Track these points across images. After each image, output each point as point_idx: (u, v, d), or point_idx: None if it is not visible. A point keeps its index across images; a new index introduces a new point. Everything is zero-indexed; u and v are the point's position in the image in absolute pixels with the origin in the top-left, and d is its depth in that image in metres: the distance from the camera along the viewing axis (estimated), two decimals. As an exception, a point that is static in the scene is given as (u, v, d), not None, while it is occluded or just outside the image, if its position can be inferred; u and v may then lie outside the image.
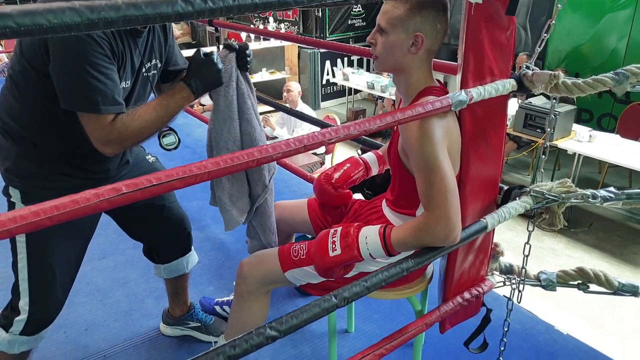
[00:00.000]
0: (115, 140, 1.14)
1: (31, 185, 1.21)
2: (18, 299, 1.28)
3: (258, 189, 1.35)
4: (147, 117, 1.16)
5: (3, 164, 1.23)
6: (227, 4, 0.68)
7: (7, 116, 1.20)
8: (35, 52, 1.10)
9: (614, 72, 1.14)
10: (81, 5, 0.58)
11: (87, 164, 1.27)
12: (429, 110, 1.00)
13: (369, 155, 1.51)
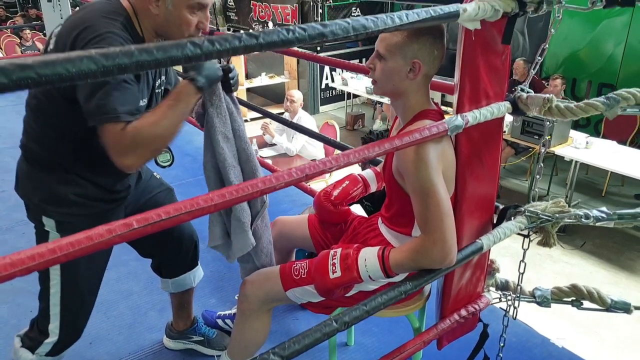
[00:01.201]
0: (130, 147, 1.10)
1: (65, 213, 1.24)
2: (47, 322, 1.31)
3: (257, 206, 1.37)
4: (156, 120, 1.13)
5: (35, 195, 1.25)
6: (234, 45, 0.72)
7: (37, 146, 1.22)
8: None
9: (605, 96, 1.17)
10: (97, 53, 0.61)
11: (113, 183, 1.29)
12: (425, 136, 1.03)
13: (368, 173, 1.54)
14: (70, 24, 1.15)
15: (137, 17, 1.18)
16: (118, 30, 1.12)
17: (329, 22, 0.82)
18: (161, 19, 1.17)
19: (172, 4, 1.14)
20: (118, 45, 1.06)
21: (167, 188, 1.55)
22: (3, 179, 3.14)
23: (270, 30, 0.76)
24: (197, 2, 1.16)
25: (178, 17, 1.16)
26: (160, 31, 1.20)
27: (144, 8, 1.17)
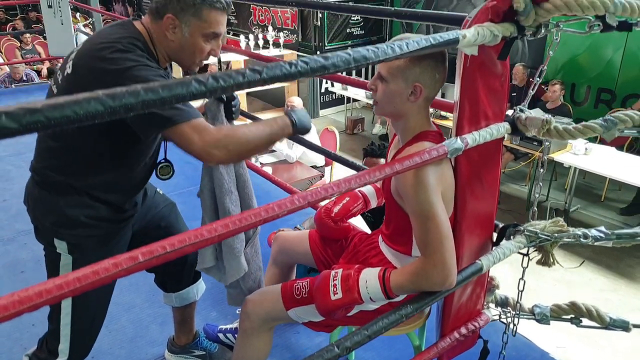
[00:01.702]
0: (224, 141, 1.11)
1: (76, 235, 1.26)
2: (57, 342, 1.33)
3: (249, 232, 1.39)
4: (252, 130, 1.16)
5: (47, 218, 1.26)
6: (237, 81, 0.73)
7: (49, 170, 1.23)
8: None
9: (603, 118, 1.18)
10: (104, 94, 0.62)
11: (124, 202, 1.31)
12: (425, 159, 1.05)
13: (368, 189, 1.55)
14: (89, 50, 1.17)
15: (152, 41, 1.21)
16: (140, 52, 1.15)
17: (331, 55, 0.83)
18: (176, 45, 1.20)
19: (188, 32, 1.18)
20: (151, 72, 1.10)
21: (170, 203, 1.57)
22: (4, 188, 3.15)
23: (273, 65, 0.77)
24: (213, 32, 1.19)
25: (193, 44, 1.19)
26: (173, 56, 1.24)
27: (161, 34, 1.20)
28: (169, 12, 1.17)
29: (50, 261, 1.29)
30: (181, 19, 1.17)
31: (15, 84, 6.17)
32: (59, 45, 5.12)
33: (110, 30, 1.20)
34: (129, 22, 1.23)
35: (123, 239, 1.36)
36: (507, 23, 1.10)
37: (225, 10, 1.21)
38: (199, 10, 1.16)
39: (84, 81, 1.12)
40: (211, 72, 0.72)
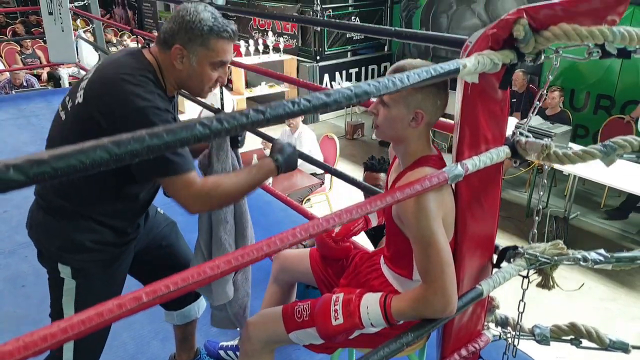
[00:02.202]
0: (205, 199, 1.18)
1: (81, 260, 1.27)
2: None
3: None
4: (235, 181, 1.22)
5: (52, 243, 1.27)
6: (241, 122, 0.73)
7: (55, 196, 1.24)
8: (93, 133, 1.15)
9: (602, 144, 1.19)
10: (109, 142, 0.63)
11: (128, 227, 1.32)
12: (426, 187, 1.05)
13: (369, 208, 1.56)
14: (100, 82, 1.18)
15: (160, 71, 1.22)
16: (152, 88, 1.17)
17: (333, 91, 0.84)
18: (184, 74, 1.22)
19: (196, 61, 1.20)
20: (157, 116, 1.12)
21: (171, 222, 1.58)
22: (5, 198, 3.14)
23: (276, 104, 0.77)
24: (220, 60, 1.21)
25: (201, 73, 1.21)
26: (182, 85, 1.26)
27: (169, 64, 1.22)
28: (177, 43, 1.18)
29: (53, 285, 1.30)
30: (189, 49, 1.19)
31: (15, 89, 6.18)
32: (60, 51, 5.13)
33: (122, 61, 1.21)
34: (138, 51, 1.25)
35: (125, 261, 1.37)
36: (507, 50, 1.11)
37: (232, 38, 1.22)
38: (207, 40, 1.18)
39: (94, 114, 1.14)
40: (215, 115, 0.72)
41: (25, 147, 3.97)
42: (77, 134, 1.18)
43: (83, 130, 1.17)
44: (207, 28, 1.17)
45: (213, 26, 1.18)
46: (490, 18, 6.73)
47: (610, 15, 1.06)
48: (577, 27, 1.03)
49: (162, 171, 1.14)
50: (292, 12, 7.73)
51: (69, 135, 1.21)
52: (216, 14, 1.20)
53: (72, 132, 1.21)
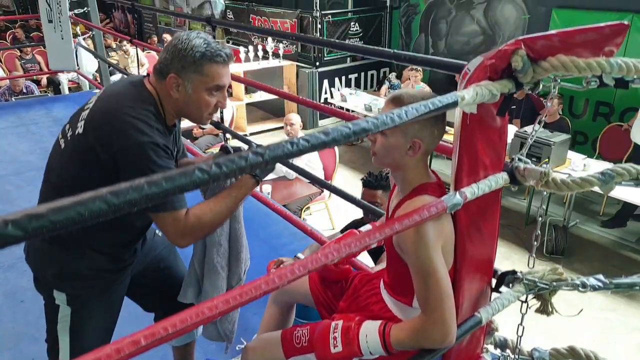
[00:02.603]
0: (190, 233, 1.20)
1: (77, 287, 1.27)
2: None
3: (232, 281, 1.42)
4: (218, 209, 1.22)
5: (48, 269, 1.28)
6: (240, 165, 0.73)
7: None
8: (92, 164, 1.16)
9: (600, 172, 1.19)
10: (108, 192, 0.63)
11: (125, 253, 1.33)
12: (425, 217, 1.06)
13: (367, 229, 1.56)
14: (101, 114, 1.18)
15: (160, 101, 1.22)
16: (153, 123, 1.17)
17: (331, 130, 0.84)
18: (182, 102, 1.22)
19: (191, 88, 1.19)
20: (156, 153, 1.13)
21: (169, 244, 1.58)
22: (4, 210, 3.12)
23: (275, 145, 0.78)
24: (216, 85, 1.21)
25: (197, 100, 1.21)
26: (180, 113, 1.26)
27: (166, 93, 1.22)
28: (171, 72, 1.19)
29: (49, 312, 1.30)
30: (183, 77, 1.19)
31: (15, 96, 6.18)
32: (59, 59, 5.13)
33: (123, 92, 1.21)
34: (140, 82, 1.25)
35: (122, 286, 1.37)
36: (505, 80, 1.11)
37: (226, 62, 1.22)
38: (200, 66, 1.18)
39: (94, 146, 1.15)
40: (214, 160, 0.73)
41: (25, 156, 3.97)
42: (76, 165, 1.19)
43: (82, 161, 1.18)
44: (199, 54, 1.17)
45: (205, 52, 1.18)
46: (489, 24, 6.74)
47: (608, 46, 1.06)
48: (575, 59, 1.03)
49: (154, 207, 1.16)
50: (291, 17, 7.75)
51: (68, 165, 1.22)
52: (209, 40, 1.20)
53: (72, 163, 1.21)
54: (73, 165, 1.20)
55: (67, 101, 5.44)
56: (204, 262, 1.38)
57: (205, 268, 1.37)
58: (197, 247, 1.39)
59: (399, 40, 8.19)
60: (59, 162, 1.25)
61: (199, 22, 9.53)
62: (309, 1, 7.86)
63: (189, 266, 1.48)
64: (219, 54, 1.19)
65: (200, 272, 1.39)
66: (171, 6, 11.01)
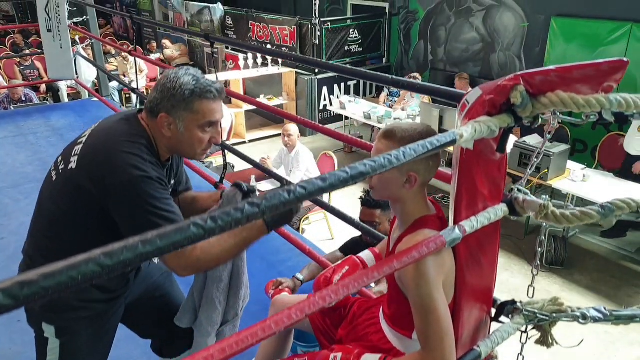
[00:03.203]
0: (194, 266, 1.18)
1: (66, 319, 1.26)
2: None
3: (229, 316, 1.41)
4: (227, 247, 1.19)
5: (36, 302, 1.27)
6: (236, 217, 0.73)
7: (42, 257, 1.24)
8: (83, 200, 1.15)
9: (600, 205, 1.18)
10: (101, 253, 0.62)
11: (116, 284, 1.32)
12: (424, 253, 1.05)
13: (367, 255, 1.55)
14: (94, 151, 1.18)
15: (153, 137, 1.22)
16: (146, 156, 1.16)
17: (328, 175, 0.83)
18: (174, 140, 1.21)
19: (183, 126, 1.18)
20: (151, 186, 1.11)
21: (166, 271, 1.57)
22: (1, 224, 3.12)
23: (271, 195, 0.77)
24: (208, 121, 1.20)
25: (190, 137, 1.20)
26: (173, 150, 1.25)
27: (158, 131, 1.21)
28: (162, 111, 1.18)
29: (38, 345, 1.30)
30: (174, 116, 1.18)
31: (14, 104, 6.18)
32: (58, 68, 5.13)
33: (116, 127, 1.21)
34: (133, 117, 1.24)
35: (115, 315, 1.36)
36: (504, 115, 1.10)
37: (217, 97, 1.21)
38: (190, 104, 1.17)
39: (86, 182, 1.14)
40: (208, 214, 0.72)
41: (23, 167, 3.95)
42: (67, 201, 1.19)
43: (74, 197, 1.17)
44: (188, 92, 1.16)
45: (195, 89, 1.17)
46: (488, 32, 6.74)
47: (607, 81, 1.05)
48: (574, 96, 1.02)
49: None
50: (290, 24, 7.75)
51: (58, 199, 1.21)
52: (198, 75, 1.19)
53: (63, 199, 1.20)
54: (64, 200, 1.19)
55: (66, 110, 5.43)
56: (203, 294, 1.37)
57: (204, 300, 1.37)
58: (198, 278, 1.39)
59: (398, 47, 8.19)
60: (50, 196, 1.24)
61: (198, 37, 9.51)
62: (308, 8, 7.87)
63: (187, 294, 1.47)
64: (209, 90, 1.18)
65: (198, 302, 1.39)
66: (170, 12, 11.01)
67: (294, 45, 7.77)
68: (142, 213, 1.12)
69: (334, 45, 7.63)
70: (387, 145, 1.14)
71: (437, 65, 7.63)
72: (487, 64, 6.84)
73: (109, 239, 1.20)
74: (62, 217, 1.20)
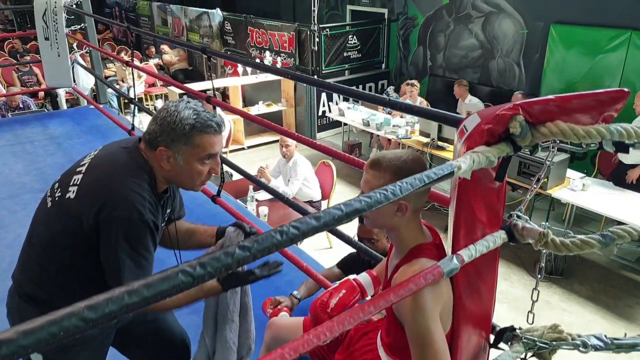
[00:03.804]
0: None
1: (55, 349, 1.24)
2: None
3: (243, 352, 1.40)
4: (180, 299, 1.22)
5: None
6: (226, 262, 0.71)
7: (31, 283, 1.23)
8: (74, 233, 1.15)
9: (601, 234, 1.16)
10: (85, 307, 0.60)
11: None
12: (421, 285, 1.03)
13: (364, 278, 1.53)
14: (95, 183, 1.18)
15: (152, 168, 1.21)
16: (146, 195, 1.15)
17: (323, 214, 0.81)
18: (173, 173, 1.20)
19: (183, 160, 1.18)
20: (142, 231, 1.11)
21: None
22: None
23: (263, 237, 0.75)
24: (207, 154, 1.19)
25: (189, 170, 1.19)
26: (171, 182, 1.24)
27: (157, 163, 1.20)
28: (161, 145, 1.17)
29: None
30: (173, 150, 1.17)
31: (11, 112, 6.15)
32: (56, 76, 5.11)
33: (116, 160, 1.20)
34: (134, 147, 1.23)
35: (104, 342, 1.35)
36: (503, 144, 1.08)
37: (217, 132, 1.20)
38: (190, 139, 1.16)
39: (77, 214, 1.13)
40: (197, 260, 0.70)
41: (20, 178, 3.93)
42: (61, 229, 1.18)
43: (65, 227, 1.17)
44: (188, 127, 1.15)
45: (195, 123, 1.16)
46: (488, 38, 6.73)
47: (608, 111, 1.04)
48: (574, 127, 1.01)
49: (116, 281, 1.16)
50: (289, 30, 7.74)
51: (52, 228, 1.20)
52: (198, 109, 1.18)
53: (56, 228, 1.20)
54: (57, 228, 1.18)
55: (64, 117, 5.41)
56: (216, 338, 1.36)
57: (218, 345, 1.36)
58: (207, 323, 1.38)
59: (397, 52, 8.19)
60: (43, 223, 1.23)
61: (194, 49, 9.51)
62: (307, 14, 7.86)
63: (198, 341, 1.46)
64: (209, 125, 1.17)
65: (212, 348, 1.37)
66: (169, 17, 11.00)
67: (292, 51, 7.76)
68: (123, 252, 1.13)
69: (332, 51, 7.62)
70: (373, 175, 1.13)
71: (436, 71, 7.62)
72: (486, 71, 6.83)
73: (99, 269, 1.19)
74: (53, 245, 1.19)
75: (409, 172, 1.12)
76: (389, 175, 1.11)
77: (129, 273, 1.15)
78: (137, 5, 12.57)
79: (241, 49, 9.07)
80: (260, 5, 10.66)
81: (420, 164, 1.13)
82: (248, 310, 1.37)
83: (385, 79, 8.32)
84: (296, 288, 2.35)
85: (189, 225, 1.50)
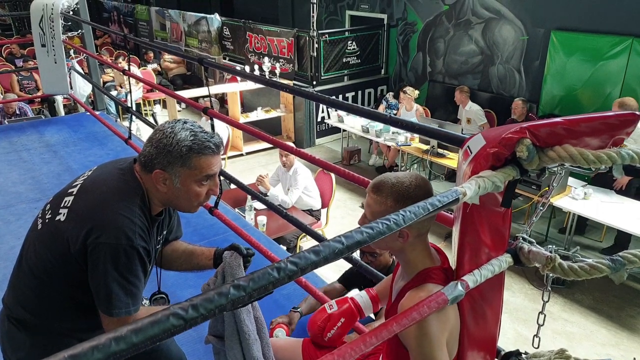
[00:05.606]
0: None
1: None
2: None
3: None
4: None
5: (15, 354, 1.23)
6: (220, 303, 0.67)
7: (20, 307, 1.21)
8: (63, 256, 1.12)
9: (610, 258, 1.13)
10: (68, 357, 0.56)
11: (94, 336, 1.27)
12: (425, 314, 0.99)
13: (364, 300, 1.49)
14: (84, 206, 1.15)
15: (146, 191, 1.18)
16: (137, 220, 1.12)
17: (322, 248, 0.77)
18: (169, 195, 1.17)
19: (179, 182, 1.14)
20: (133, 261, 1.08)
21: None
22: (-9, 249, 3.05)
23: (259, 275, 0.71)
24: (205, 175, 1.15)
25: (186, 192, 1.16)
26: (168, 204, 1.21)
27: (152, 186, 1.17)
28: (157, 168, 1.13)
29: None
30: (170, 172, 1.13)
31: (8, 118, 6.11)
32: (53, 83, 5.07)
33: (110, 183, 1.16)
34: (128, 170, 1.19)
35: None
36: (509, 167, 1.05)
37: (216, 152, 1.16)
38: (187, 160, 1.12)
39: (69, 238, 1.10)
40: (189, 301, 0.66)
41: (15, 187, 3.88)
42: (51, 252, 1.16)
43: (54, 250, 1.15)
44: (185, 149, 1.12)
45: (192, 145, 1.12)
46: (488, 44, 6.71)
47: (618, 135, 1.00)
48: (583, 151, 0.97)
49: (105, 309, 1.13)
50: (288, 36, 7.71)
51: (42, 251, 1.18)
52: (196, 130, 1.14)
53: (45, 251, 1.18)
54: (47, 251, 1.16)
55: (60, 124, 5.36)
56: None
57: None
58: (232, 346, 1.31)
59: (397, 58, 8.17)
60: (33, 246, 1.20)
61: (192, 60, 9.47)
62: (306, 19, 7.84)
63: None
64: (207, 146, 1.14)
65: None
66: (167, 22, 10.98)
67: (291, 57, 7.73)
68: (112, 280, 1.10)
69: (332, 57, 7.59)
70: (375, 200, 1.10)
71: (435, 77, 7.60)
72: (486, 77, 6.81)
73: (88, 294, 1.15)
74: (43, 269, 1.16)
75: (412, 199, 1.08)
76: (391, 201, 1.07)
77: (118, 301, 1.12)
78: (136, 10, 12.54)
79: (240, 55, 9.04)
80: (259, 10, 10.65)
81: (424, 190, 1.10)
82: (263, 326, 1.34)
83: (384, 85, 8.29)
84: (295, 302, 2.31)
85: (186, 246, 1.46)
